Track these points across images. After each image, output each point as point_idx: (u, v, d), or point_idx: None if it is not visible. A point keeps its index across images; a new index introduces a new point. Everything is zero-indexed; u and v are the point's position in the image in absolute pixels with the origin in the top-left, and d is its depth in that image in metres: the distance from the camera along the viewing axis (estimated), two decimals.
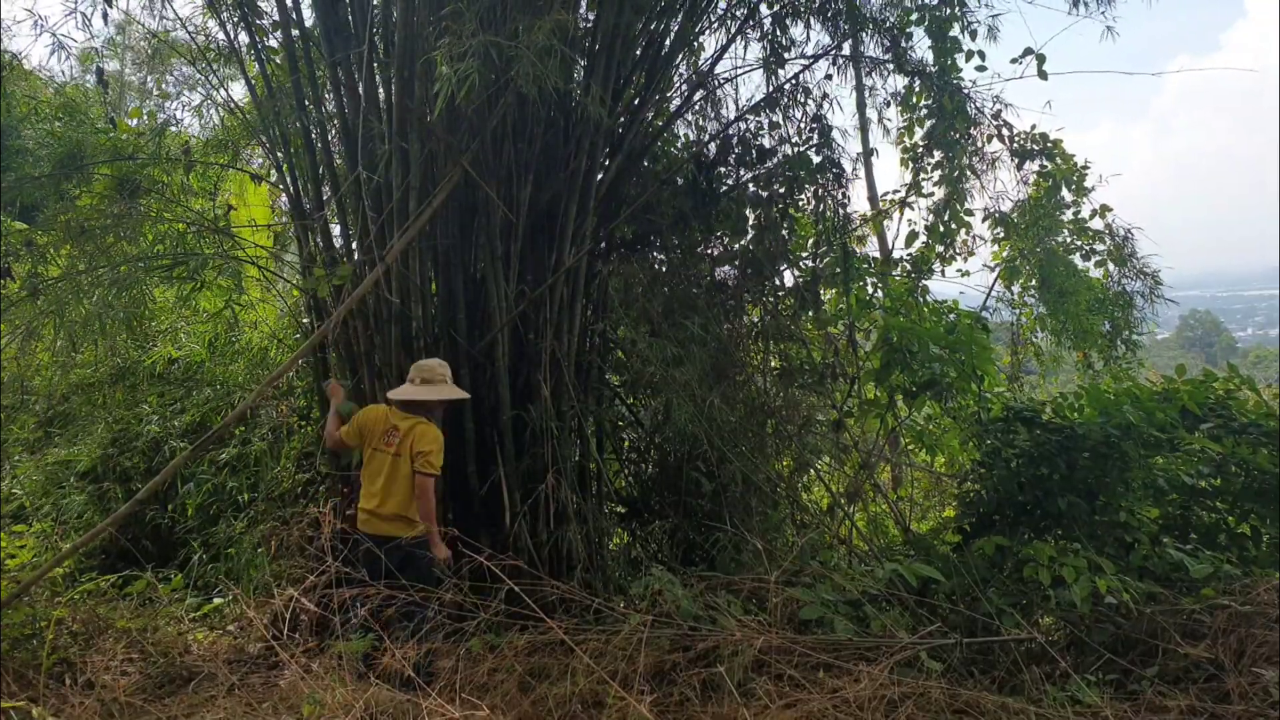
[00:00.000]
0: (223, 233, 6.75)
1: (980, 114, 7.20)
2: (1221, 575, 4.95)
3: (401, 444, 4.76)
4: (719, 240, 7.24)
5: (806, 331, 7.42)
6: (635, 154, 6.64)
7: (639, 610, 4.49)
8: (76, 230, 6.10)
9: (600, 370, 6.59)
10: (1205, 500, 5.75)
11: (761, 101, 7.23)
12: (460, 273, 5.58)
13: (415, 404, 4.84)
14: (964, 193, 7.43)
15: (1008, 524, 5.82)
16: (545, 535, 5.47)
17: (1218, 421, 5.75)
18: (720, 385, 6.33)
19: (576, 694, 3.97)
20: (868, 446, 7.43)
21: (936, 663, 4.33)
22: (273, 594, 5.23)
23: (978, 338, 6.28)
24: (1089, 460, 5.60)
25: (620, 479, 7.16)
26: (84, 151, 6.46)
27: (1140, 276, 8.06)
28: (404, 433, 4.77)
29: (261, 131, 6.40)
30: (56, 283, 6.23)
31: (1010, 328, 9.91)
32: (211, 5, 6.38)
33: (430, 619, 4.34)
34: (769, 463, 6.82)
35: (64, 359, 6.74)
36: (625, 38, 5.87)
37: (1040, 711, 3.89)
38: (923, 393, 6.43)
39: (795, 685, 4.02)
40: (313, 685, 4.02)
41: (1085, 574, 4.79)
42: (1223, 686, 4.06)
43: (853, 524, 6.93)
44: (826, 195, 7.21)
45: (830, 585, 4.95)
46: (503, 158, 5.56)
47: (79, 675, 4.52)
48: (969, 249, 8.21)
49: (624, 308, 6.63)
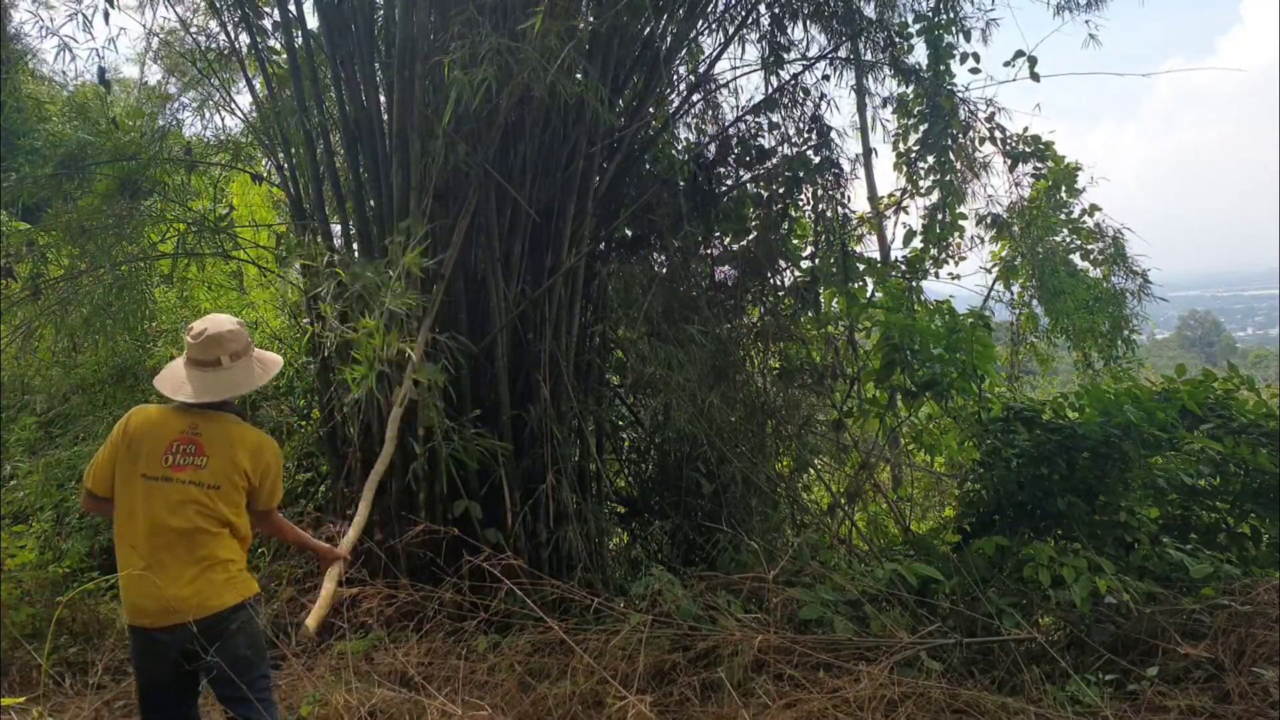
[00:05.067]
0: (223, 233, 6.76)
1: (973, 116, 7.22)
2: (1221, 575, 4.95)
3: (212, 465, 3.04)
4: (719, 240, 7.25)
5: (806, 331, 7.43)
6: (634, 154, 6.64)
7: (639, 610, 4.49)
8: (77, 230, 6.12)
9: (600, 370, 6.60)
10: (1205, 500, 5.75)
11: (761, 102, 7.24)
12: (460, 273, 5.59)
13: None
14: (959, 195, 7.45)
15: (1008, 524, 5.83)
16: (545, 535, 5.48)
17: (1218, 421, 5.75)
18: (720, 385, 6.34)
19: (576, 694, 3.98)
20: (868, 446, 7.43)
21: (936, 663, 4.34)
22: (273, 594, 5.24)
23: (979, 337, 6.28)
24: (1089, 460, 5.60)
25: (620, 479, 7.16)
26: (86, 152, 6.48)
27: (1131, 276, 8.13)
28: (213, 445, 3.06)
29: (263, 132, 6.40)
30: (58, 283, 6.24)
31: (1009, 328, 9.94)
32: (213, 6, 6.39)
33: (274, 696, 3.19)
34: (769, 463, 6.82)
35: (65, 359, 6.74)
36: (624, 38, 5.88)
37: (1040, 711, 3.89)
38: (923, 393, 6.44)
39: (795, 685, 4.03)
40: (314, 684, 4.03)
41: (1085, 574, 4.80)
42: (1223, 686, 4.07)
43: (853, 524, 6.93)
44: (826, 195, 7.22)
45: (830, 585, 4.96)
46: (505, 158, 5.57)
47: (79, 675, 4.53)
48: (959, 253, 8.26)
49: (623, 308, 6.63)
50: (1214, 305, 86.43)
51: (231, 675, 2.98)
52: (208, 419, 3.11)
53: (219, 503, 3.03)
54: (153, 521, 2.98)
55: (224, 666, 2.97)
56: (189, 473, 3.02)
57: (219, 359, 3.12)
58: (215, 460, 3.05)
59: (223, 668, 2.97)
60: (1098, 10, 6.77)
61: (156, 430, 3.07)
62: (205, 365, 3.13)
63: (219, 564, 3.03)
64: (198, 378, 3.12)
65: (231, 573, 3.06)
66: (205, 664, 2.98)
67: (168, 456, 3.03)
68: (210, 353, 3.12)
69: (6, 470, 6.67)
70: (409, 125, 5.25)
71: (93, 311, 6.08)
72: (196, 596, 2.96)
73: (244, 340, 3.21)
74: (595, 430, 6.42)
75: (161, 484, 3.01)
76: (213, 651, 2.96)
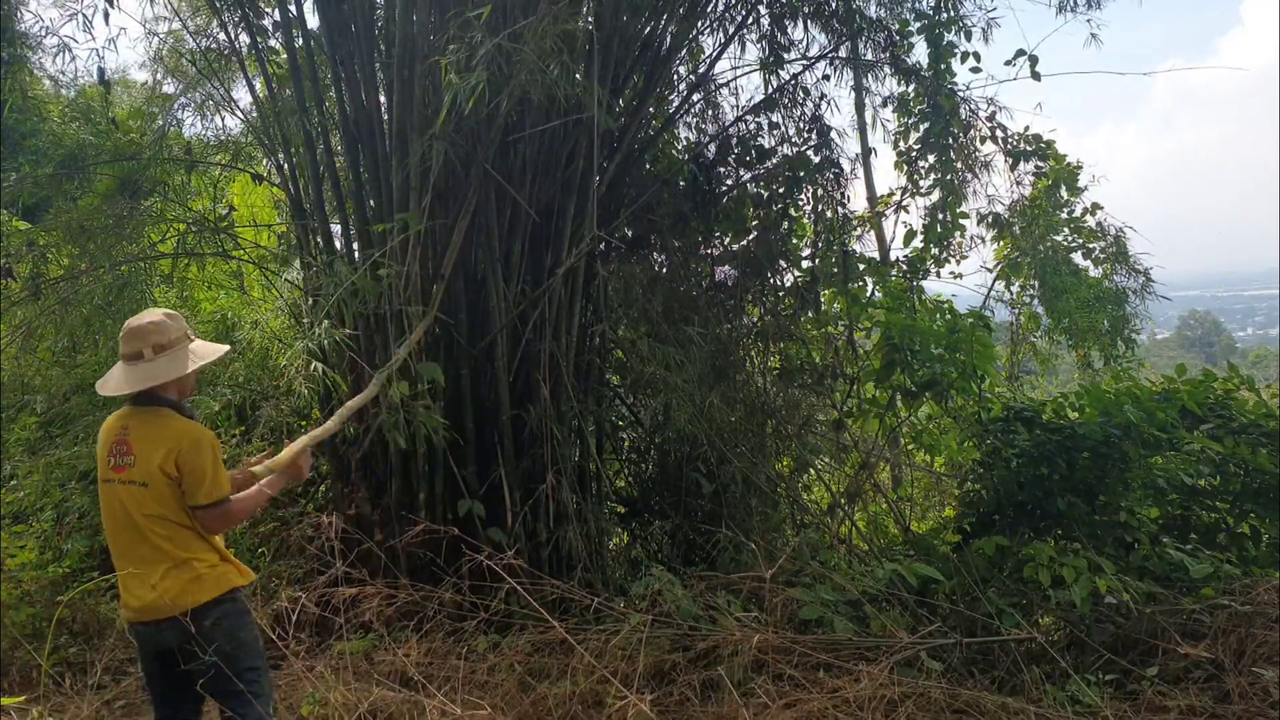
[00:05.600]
0: (223, 233, 6.76)
1: (974, 116, 7.23)
2: (1221, 575, 4.95)
3: (140, 462, 3.03)
4: (719, 240, 7.25)
5: (806, 331, 7.43)
6: (634, 154, 6.64)
7: (639, 610, 4.49)
8: (77, 230, 6.12)
9: (600, 370, 6.60)
10: (1205, 500, 5.75)
11: (761, 102, 7.25)
12: (460, 273, 5.59)
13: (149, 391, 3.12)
14: (960, 194, 7.46)
15: (1008, 524, 5.83)
16: (545, 535, 5.48)
17: (1218, 421, 5.75)
18: (720, 385, 6.34)
19: (576, 694, 3.98)
20: (868, 446, 7.43)
21: (936, 663, 4.34)
22: (274, 594, 5.24)
23: (979, 337, 6.28)
24: (1089, 460, 5.60)
25: (620, 479, 7.16)
26: (86, 152, 6.49)
27: (1132, 274, 8.15)
28: (139, 442, 3.05)
29: (263, 132, 6.41)
30: (58, 283, 6.24)
31: (1009, 328, 9.94)
32: (213, 6, 6.39)
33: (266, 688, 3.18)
34: (769, 463, 6.82)
35: (65, 359, 6.74)
36: (624, 38, 5.88)
37: (1040, 711, 3.89)
38: (923, 393, 6.44)
39: (795, 685, 4.03)
40: (315, 684, 4.03)
41: (1085, 574, 4.80)
42: (1223, 686, 4.07)
43: (853, 524, 6.93)
44: (826, 195, 7.22)
45: (830, 585, 4.96)
46: (504, 158, 5.57)
47: (79, 675, 4.53)
48: (961, 252, 8.27)
49: (623, 308, 6.63)
50: (1214, 305, 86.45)
51: (216, 672, 3.00)
52: (140, 417, 3.12)
53: (151, 502, 3.03)
54: (112, 523, 3.10)
55: (208, 665, 3.00)
56: (125, 473, 3.06)
57: (141, 351, 3.11)
58: (140, 458, 3.05)
59: (210, 666, 3.00)
60: (1098, 10, 6.79)
61: (105, 435, 3.16)
62: (129, 359, 3.13)
63: (182, 564, 3.05)
64: (122, 371, 3.15)
65: (199, 570, 3.07)
66: (195, 664, 3.01)
67: (110, 459, 3.10)
68: (132, 346, 3.13)
69: (6, 470, 6.67)
70: (409, 125, 5.25)
71: (93, 311, 6.08)
72: (164, 597, 3.00)
73: (171, 332, 3.16)
74: (595, 430, 6.42)
75: (108, 486, 3.10)
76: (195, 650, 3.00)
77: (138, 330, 3.14)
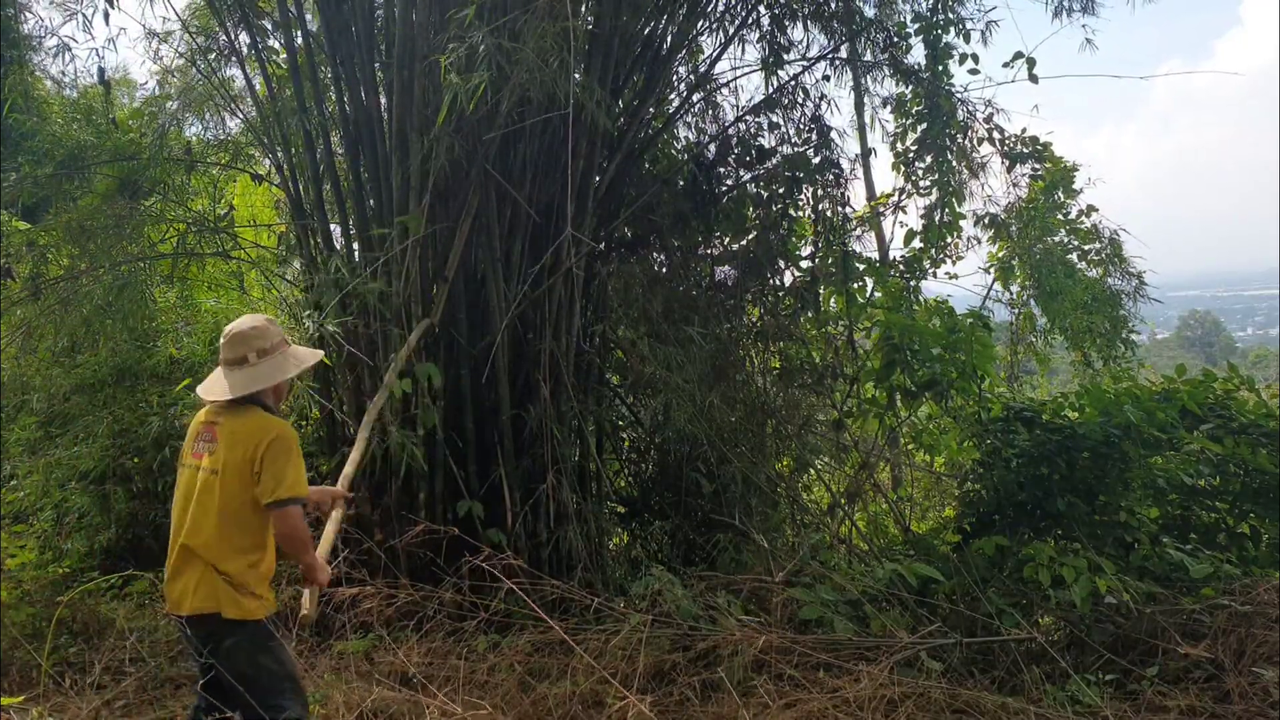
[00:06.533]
0: (223, 232, 6.76)
1: (972, 117, 7.23)
2: (1221, 575, 4.95)
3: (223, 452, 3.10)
4: (719, 240, 7.25)
5: (806, 331, 7.43)
6: (634, 154, 6.64)
7: (639, 610, 4.50)
8: (77, 230, 6.11)
9: (600, 370, 6.60)
10: (1205, 500, 5.75)
11: (761, 102, 7.25)
12: (460, 273, 5.59)
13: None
14: (958, 195, 7.47)
15: (1008, 524, 5.83)
16: (545, 535, 5.48)
17: (1218, 421, 5.75)
18: (720, 385, 6.34)
19: (576, 694, 3.98)
20: (868, 446, 7.44)
21: (936, 663, 4.34)
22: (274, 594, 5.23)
23: (979, 337, 6.28)
24: (1089, 460, 5.60)
25: (620, 479, 7.16)
26: (86, 152, 6.48)
27: (1127, 276, 8.16)
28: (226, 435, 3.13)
29: (262, 132, 6.40)
30: (58, 283, 6.24)
31: (1008, 328, 9.94)
32: (212, 6, 6.38)
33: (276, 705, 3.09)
34: (769, 463, 6.82)
35: (65, 359, 6.74)
36: (624, 38, 5.88)
37: (1040, 711, 3.90)
38: (922, 393, 6.44)
39: (795, 685, 4.03)
40: (314, 684, 4.03)
41: (1085, 574, 4.80)
42: (1223, 686, 4.07)
43: (853, 524, 6.93)
44: (826, 195, 7.23)
45: (830, 585, 4.96)
46: (505, 158, 5.57)
47: (79, 675, 4.52)
48: (958, 253, 8.27)
49: (623, 308, 6.63)
50: (1214, 305, 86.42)
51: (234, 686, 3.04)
52: (232, 413, 3.19)
53: (219, 491, 3.08)
54: (178, 510, 3.20)
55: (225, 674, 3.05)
56: (205, 459, 3.14)
57: (245, 356, 3.18)
58: (224, 445, 3.12)
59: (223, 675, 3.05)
60: (1094, 14, 6.82)
61: (194, 426, 3.28)
62: (232, 364, 3.20)
63: (220, 574, 3.08)
64: (227, 376, 3.21)
65: (234, 584, 3.09)
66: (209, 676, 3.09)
67: (194, 445, 3.22)
68: (236, 351, 3.19)
69: (6, 470, 6.67)
70: (409, 125, 5.25)
71: (93, 311, 6.07)
72: (194, 595, 3.08)
73: (272, 337, 3.25)
74: (595, 430, 6.41)
75: (185, 470, 3.21)
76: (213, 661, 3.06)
77: (241, 335, 3.20)
